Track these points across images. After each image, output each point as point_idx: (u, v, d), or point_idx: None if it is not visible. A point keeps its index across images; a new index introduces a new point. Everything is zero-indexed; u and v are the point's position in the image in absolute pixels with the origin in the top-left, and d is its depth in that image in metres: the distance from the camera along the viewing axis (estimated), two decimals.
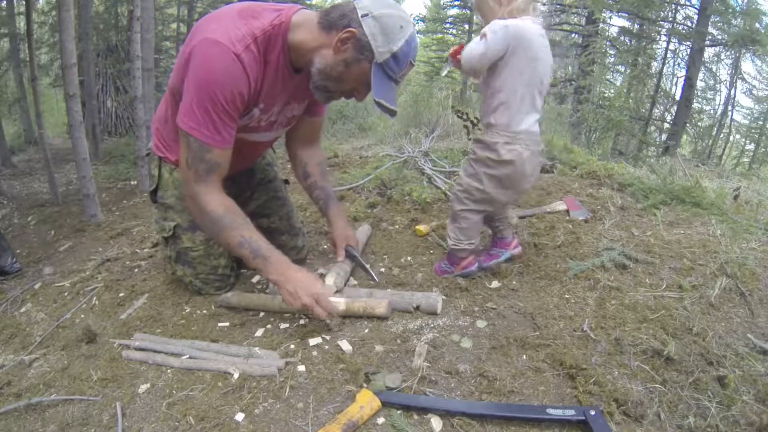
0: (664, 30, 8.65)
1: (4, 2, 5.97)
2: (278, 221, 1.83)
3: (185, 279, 1.65)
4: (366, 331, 1.37)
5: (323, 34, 1.25)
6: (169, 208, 1.61)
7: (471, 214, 1.55)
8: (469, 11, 12.16)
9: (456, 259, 1.63)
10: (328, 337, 1.34)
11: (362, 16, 1.20)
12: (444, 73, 1.86)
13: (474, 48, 1.37)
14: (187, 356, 1.30)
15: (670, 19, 8.48)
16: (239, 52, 1.18)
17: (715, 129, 12.17)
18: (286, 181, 1.97)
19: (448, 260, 1.66)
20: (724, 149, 13.30)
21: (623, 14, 8.68)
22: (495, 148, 1.44)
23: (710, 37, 7.67)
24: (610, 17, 9.19)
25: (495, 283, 1.62)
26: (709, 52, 9.54)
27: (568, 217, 2.07)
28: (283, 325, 1.43)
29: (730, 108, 13.03)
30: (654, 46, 8.95)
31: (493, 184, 1.49)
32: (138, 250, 2.26)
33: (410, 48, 1.25)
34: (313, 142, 1.75)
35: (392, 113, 1.30)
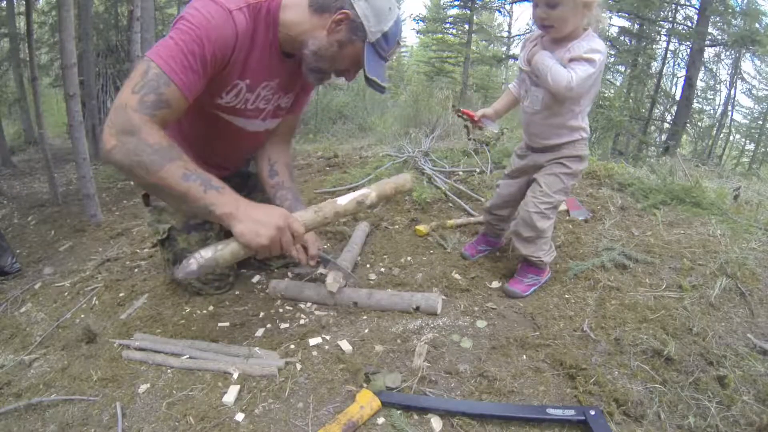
0: (664, 30, 8.66)
1: (4, 2, 5.97)
2: None
3: (184, 280, 1.65)
4: (366, 331, 1.37)
5: (315, 15, 1.27)
6: (163, 211, 1.61)
7: (552, 224, 1.54)
8: (468, 11, 12.14)
9: (542, 270, 1.58)
10: (328, 337, 1.34)
11: None
12: (496, 130, 1.81)
13: (585, 72, 1.28)
14: (187, 356, 1.30)
15: (670, 19, 8.49)
16: (232, 9, 1.18)
17: (715, 129, 12.18)
18: None
19: (534, 272, 1.56)
20: (724, 149, 13.31)
21: (623, 14, 8.68)
22: (586, 159, 1.50)
23: (710, 37, 7.68)
24: (610, 17, 9.19)
25: (495, 283, 1.62)
26: (709, 52, 9.55)
27: (568, 217, 2.07)
28: (283, 325, 1.43)
29: (730, 108, 13.04)
30: (654, 46, 8.96)
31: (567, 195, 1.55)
32: (138, 250, 2.26)
33: (398, 28, 1.32)
34: (284, 140, 1.68)
35: (383, 90, 1.34)
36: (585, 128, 1.47)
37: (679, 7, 8.23)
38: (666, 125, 8.55)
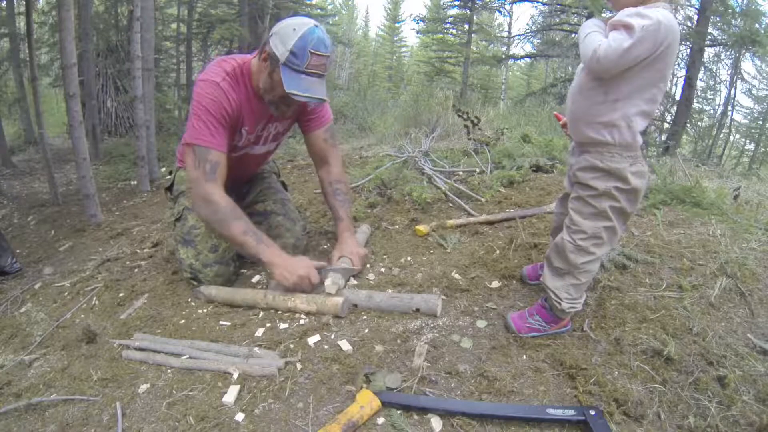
0: None
1: (4, 2, 5.97)
2: (272, 204, 1.96)
3: (186, 262, 1.70)
4: (366, 331, 1.37)
5: (260, 63, 1.58)
6: (181, 194, 1.86)
7: (595, 264, 1.26)
8: (468, 11, 12.14)
9: (557, 319, 1.33)
10: (328, 337, 1.34)
11: (270, 36, 1.52)
12: None
13: (617, 41, 1.03)
14: (187, 356, 1.30)
15: None
16: (218, 81, 1.56)
17: (715, 129, 12.18)
18: (283, 184, 2.14)
19: (544, 317, 1.33)
20: (724, 149, 13.31)
21: None
22: (622, 174, 1.15)
23: (710, 37, 7.68)
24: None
25: (495, 283, 1.61)
26: (709, 52, 9.55)
27: None
28: (282, 325, 1.43)
29: (730, 108, 13.05)
30: None
31: (619, 219, 1.21)
32: (138, 250, 2.26)
33: (306, 42, 1.46)
34: (325, 159, 1.92)
35: (313, 100, 1.53)
36: (621, 130, 1.13)
37: (679, 7, 8.23)
38: (666, 125, 8.55)
